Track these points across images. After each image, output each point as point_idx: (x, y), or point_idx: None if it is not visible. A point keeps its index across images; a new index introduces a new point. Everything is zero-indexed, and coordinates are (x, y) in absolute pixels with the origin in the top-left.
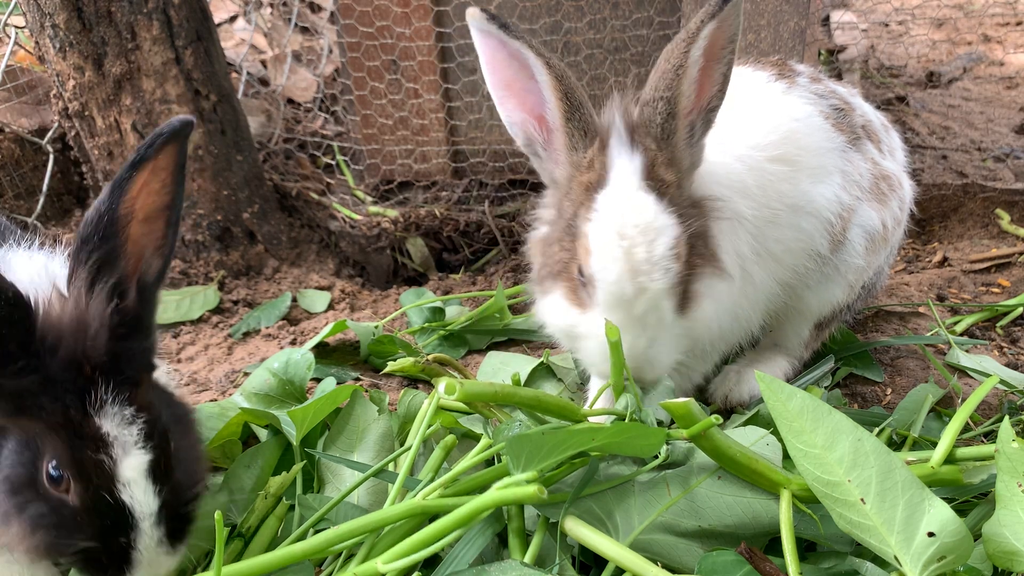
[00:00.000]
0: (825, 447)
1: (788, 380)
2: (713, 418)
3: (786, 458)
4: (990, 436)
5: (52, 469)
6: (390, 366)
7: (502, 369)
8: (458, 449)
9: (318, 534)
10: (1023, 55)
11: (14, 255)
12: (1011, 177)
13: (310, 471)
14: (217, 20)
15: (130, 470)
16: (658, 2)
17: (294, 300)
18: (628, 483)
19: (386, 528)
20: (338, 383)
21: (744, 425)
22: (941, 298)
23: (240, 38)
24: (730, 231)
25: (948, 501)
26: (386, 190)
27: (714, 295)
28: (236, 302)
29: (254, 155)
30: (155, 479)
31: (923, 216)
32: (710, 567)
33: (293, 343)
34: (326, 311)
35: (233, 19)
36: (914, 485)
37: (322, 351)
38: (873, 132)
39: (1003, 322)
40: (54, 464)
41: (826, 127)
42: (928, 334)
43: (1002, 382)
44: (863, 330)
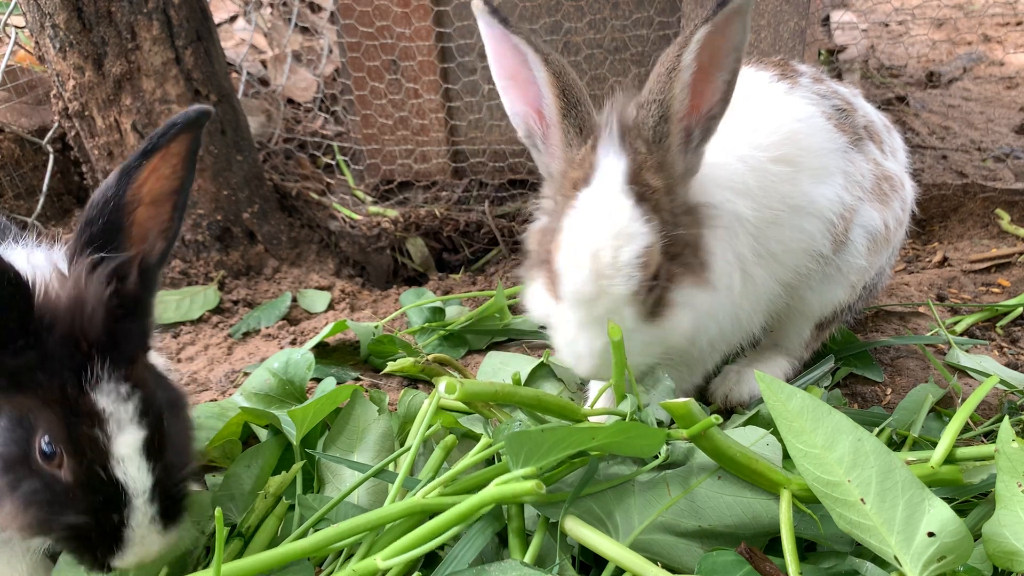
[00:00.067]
0: (825, 447)
1: (788, 380)
2: (713, 418)
3: (786, 458)
4: (990, 436)
5: (45, 445)
6: (390, 366)
7: (502, 369)
8: (458, 449)
9: (318, 532)
10: (1023, 55)
11: (13, 253)
12: (1011, 177)
13: (310, 471)
14: (217, 20)
15: (124, 446)
16: (658, 2)
17: (294, 300)
18: (628, 483)
19: (386, 527)
20: (338, 383)
21: (744, 425)
22: (941, 298)
23: (240, 38)
24: (730, 233)
25: (948, 501)
26: (386, 190)
27: (692, 305)
28: (236, 302)
29: (254, 155)
30: (149, 456)
31: (923, 216)
32: (710, 567)
33: (293, 343)
34: (326, 311)
35: (233, 19)
36: (914, 485)
37: (322, 351)
38: (875, 133)
39: (1003, 322)
40: (47, 440)
41: (828, 128)
42: (928, 334)
43: (1002, 382)
44: (863, 330)
